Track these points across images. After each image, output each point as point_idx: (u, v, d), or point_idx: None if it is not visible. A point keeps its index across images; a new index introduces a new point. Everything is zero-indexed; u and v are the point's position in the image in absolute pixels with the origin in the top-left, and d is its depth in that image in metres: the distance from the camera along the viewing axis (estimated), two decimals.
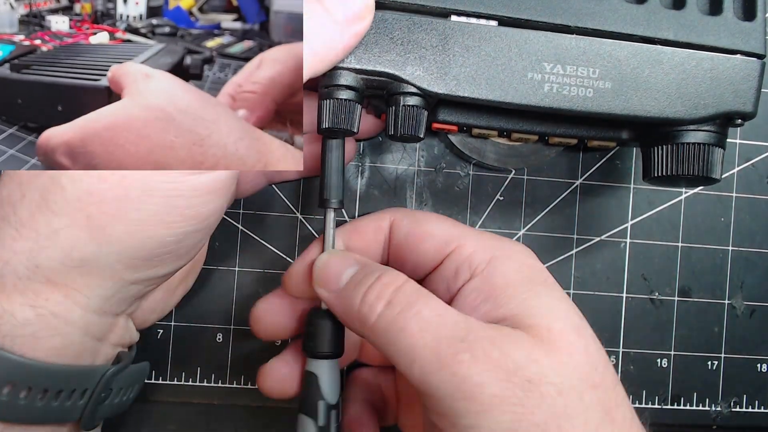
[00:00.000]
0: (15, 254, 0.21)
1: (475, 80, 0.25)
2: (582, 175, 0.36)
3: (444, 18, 0.25)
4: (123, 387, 0.26)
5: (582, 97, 0.25)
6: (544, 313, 0.22)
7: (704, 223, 0.37)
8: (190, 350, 0.34)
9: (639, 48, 0.25)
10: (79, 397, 0.23)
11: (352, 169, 0.35)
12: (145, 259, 0.22)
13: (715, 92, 0.26)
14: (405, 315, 0.21)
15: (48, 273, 0.21)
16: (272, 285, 0.35)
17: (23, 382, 0.21)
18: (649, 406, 0.36)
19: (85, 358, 0.23)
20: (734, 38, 0.26)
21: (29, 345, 0.21)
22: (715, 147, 0.26)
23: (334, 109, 0.24)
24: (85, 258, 0.21)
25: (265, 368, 0.28)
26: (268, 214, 0.35)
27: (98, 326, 0.23)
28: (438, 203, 0.35)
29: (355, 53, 0.24)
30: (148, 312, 0.27)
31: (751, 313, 0.37)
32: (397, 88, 0.25)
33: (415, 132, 0.25)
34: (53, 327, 0.22)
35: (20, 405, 0.21)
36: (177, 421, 0.34)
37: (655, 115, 0.26)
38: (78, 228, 0.21)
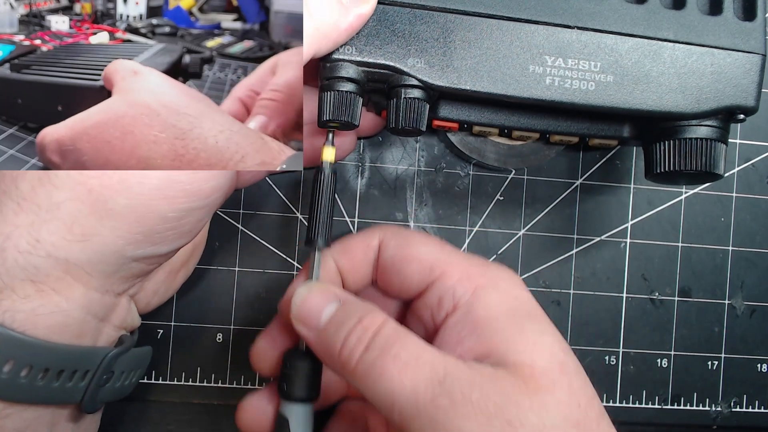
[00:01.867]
0: (16, 228, 0.21)
1: (476, 73, 0.25)
2: (582, 175, 0.36)
3: (445, 11, 0.25)
4: (125, 371, 0.26)
5: (584, 91, 0.25)
6: (528, 350, 0.22)
7: (704, 223, 0.37)
8: (190, 350, 0.34)
9: (640, 42, 0.25)
10: (80, 379, 0.23)
11: (352, 169, 0.35)
12: (147, 234, 0.22)
13: (717, 86, 0.26)
14: (383, 359, 0.21)
15: (49, 247, 0.21)
16: (272, 285, 0.35)
17: (24, 360, 0.21)
18: (649, 406, 0.36)
19: (87, 339, 0.23)
20: (734, 38, 0.26)
21: (30, 321, 0.21)
22: (717, 142, 0.26)
23: (336, 102, 0.24)
24: (86, 232, 0.21)
25: (243, 404, 0.27)
26: (268, 214, 0.35)
27: (100, 305, 0.23)
28: (438, 203, 0.35)
29: (356, 45, 0.24)
30: (151, 294, 0.27)
31: (751, 313, 0.37)
32: (398, 81, 0.25)
33: (417, 125, 0.25)
34: (54, 303, 0.22)
35: (21, 384, 0.21)
36: (177, 421, 0.34)
37: (657, 108, 0.26)
38: (79, 201, 0.21)
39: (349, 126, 0.25)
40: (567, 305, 0.36)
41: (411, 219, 0.35)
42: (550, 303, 0.36)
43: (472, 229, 0.36)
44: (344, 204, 0.35)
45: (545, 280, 0.36)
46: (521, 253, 0.36)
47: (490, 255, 0.36)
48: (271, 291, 0.35)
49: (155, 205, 0.22)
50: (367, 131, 0.33)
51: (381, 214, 0.35)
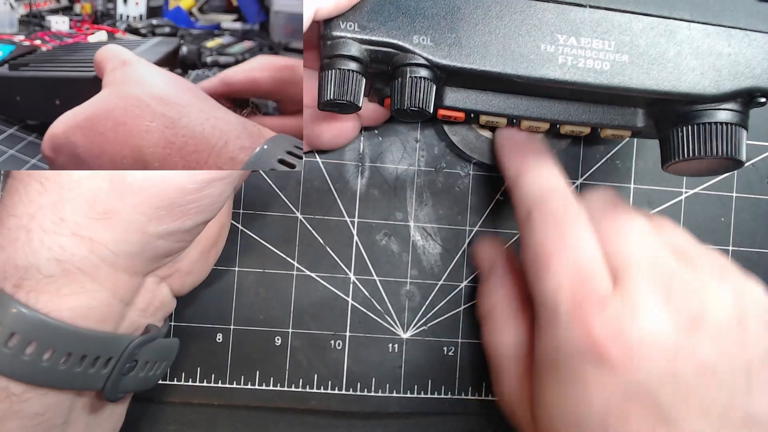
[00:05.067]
0: (41, 208, 0.21)
1: (485, 52, 0.24)
2: (582, 175, 0.36)
3: None
4: (149, 361, 0.25)
5: (598, 71, 0.24)
6: None
7: (704, 223, 0.37)
8: (191, 350, 0.34)
9: (654, 21, 0.24)
10: (102, 366, 0.23)
11: (352, 169, 0.35)
12: (168, 209, 0.22)
13: (736, 68, 0.25)
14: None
15: (73, 226, 0.21)
16: (272, 285, 0.35)
17: (47, 343, 0.21)
18: None
19: (110, 323, 0.23)
20: (752, 18, 0.25)
21: (54, 303, 0.21)
22: (739, 127, 0.25)
23: (338, 81, 0.23)
24: (108, 209, 0.21)
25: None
26: (268, 214, 0.35)
27: (126, 287, 0.23)
28: (438, 203, 0.35)
29: (359, 21, 0.23)
30: (185, 275, 0.27)
31: None
32: (403, 60, 0.24)
33: (423, 105, 0.23)
34: (79, 283, 0.22)
35: (43, 366, 0.21)
36: (177, 421, 0.34)
37: (675, 89, 0.24)
38: (99, 178, 0.21)
39: (351, 107, 0.24)
40: None
41: (411, 219, 0.35)
42: None
43: (472, 229, 0.36)
44: (344, 204, 0.35)
45: None
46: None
47: None
48: (271, 291, 0.35)
49: (174, 178, 0.22)
50: (370, 121, 0.32)
51: (381, 214, 0.35)
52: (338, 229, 0.35)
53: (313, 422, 0.35)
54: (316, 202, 0.35)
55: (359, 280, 0.35)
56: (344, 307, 0.35)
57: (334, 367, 0.35)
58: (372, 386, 0.35)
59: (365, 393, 0.35)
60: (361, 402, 0.35)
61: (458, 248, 0.36)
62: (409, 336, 0.35)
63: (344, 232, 0.35)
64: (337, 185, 0.35)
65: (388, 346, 0.35)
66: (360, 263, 0.35)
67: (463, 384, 0.35)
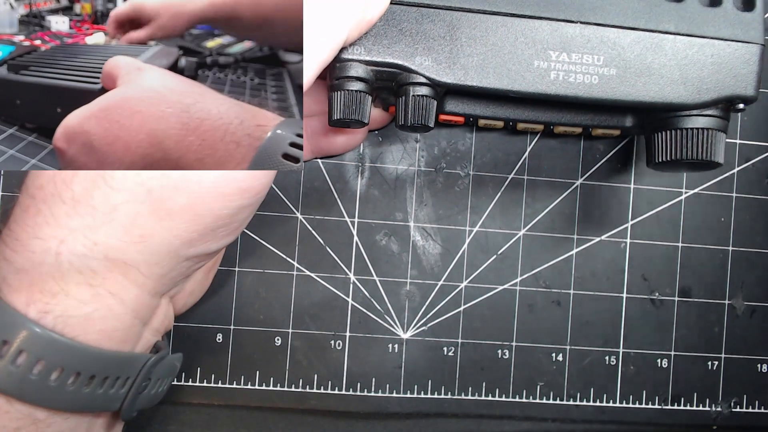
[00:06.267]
0: (71, 232, 0.21)
1: (482, 69, 0.25)
2: (582, 175, 0.36)
3: (451, 9, 0.25)
4: (160, 377, 0.25)
5: (588, 84, 0.26)
6: None
7: (704, 223, 0.37)
8: (191, 350, 0.34)
9: (642, 35, 0.26)
10: (121, 386, 0.23)
11: (352, 169, 0.35)
12: (202, 233, 0.22)
13: (717, 77, 0.26)
14: None
15: (107, 250, 0.21)
16: (272, 285, 0.35)
17: (73, 367, 0.21)
18: (649, 407, 0.36)
19: (129, 344, 0.23)
20: (734, 29, 0.26)
21: (81, 327, 0.21)
22: (716, 131, 0.27)
23: (346, 101, 0.25)
24: (145, 233, 0.21)
25: None
26: (268, 214, 0.35)
27: (148, 308, 0.23)
28: (438, 203, 0.35)
29: (365, 45, 0.25)
30: (188, 294, 0.27)
31: (752, 313, 0.37)
32: (406, 79, 0.25)
33: (425, 121, 0.25)
34: (109, 307, 0.21)
35: (68, 391, 0.21)
36: (177, 421, 0.34)
37: (659, 100, 0.26)
38: (138, 203, 0.21)
39: (359, 124, 0.26)
40: (567, 305, 0.36)
41: (411, 219, 0.35)
42: (550, 303, 0.36)
43: (472, 229, 0.36)
44: (344, 204, 0.35)
45: (545, 280, 0.36)
46: (521, 253, 0.36)
47: (490, 255, 0.36)
48: (271, 291, 0.35)
49: (211, 203, 0.22)
50: (376, 124, 0.34)
51: (381, 214, 0.35)
52: (338, 229, 0.35)
53: (313, 422, 0.35)
54: (316, 202, 0.35)
55: (359, 280, 0.35)
56: (344, 308, 0.35)
57: (334, 367, 0.35)
58: (372, 386, 0.35)
59: (365, 393, 0.35)
60: (361, 402, 0.35)
61: (458, 248, 0.36)
62: (409, 336, 0.35)
63: (344, 233, 0.35)
64: (337, 185, 0.35)
65: (388, 347, 0.35)
66: (360, 263, 0.35)
67: (463, 384, 0.36)
